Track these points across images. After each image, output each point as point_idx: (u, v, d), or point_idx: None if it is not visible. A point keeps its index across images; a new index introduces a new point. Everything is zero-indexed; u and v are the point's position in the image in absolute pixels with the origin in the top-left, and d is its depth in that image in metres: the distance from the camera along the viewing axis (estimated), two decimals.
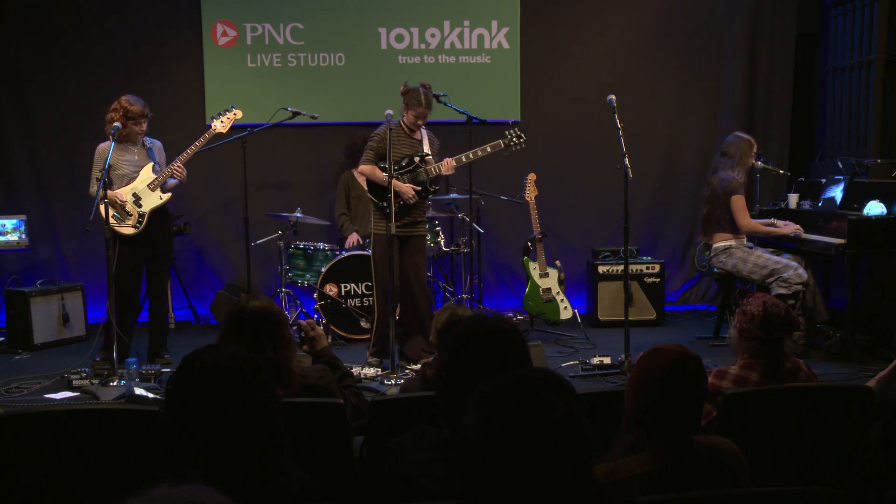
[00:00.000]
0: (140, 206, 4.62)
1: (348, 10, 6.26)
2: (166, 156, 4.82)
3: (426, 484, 1.63)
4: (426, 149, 4.73)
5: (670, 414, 1.79)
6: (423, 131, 4.78)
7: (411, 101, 4.60)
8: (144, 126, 4.65)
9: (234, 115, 4.86)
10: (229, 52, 6.18)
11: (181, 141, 4.95)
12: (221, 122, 4.82)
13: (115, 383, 4.24)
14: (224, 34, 6.16)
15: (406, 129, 4.67)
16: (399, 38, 6.28)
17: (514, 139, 4.73)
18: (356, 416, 2.61)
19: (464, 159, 4.70)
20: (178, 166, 4.62)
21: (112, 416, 2.40)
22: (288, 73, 6.21)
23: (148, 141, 4.74)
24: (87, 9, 6.05)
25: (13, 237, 5.59)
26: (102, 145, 4.64)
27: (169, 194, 4.70)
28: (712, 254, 5.12)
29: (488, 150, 4.71)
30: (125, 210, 4.59)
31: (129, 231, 4.61)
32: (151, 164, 4.68)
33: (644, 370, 1.86)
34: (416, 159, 4.66)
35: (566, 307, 5.49)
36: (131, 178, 4.64)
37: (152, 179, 4.63)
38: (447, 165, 4.65)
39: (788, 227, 5.04)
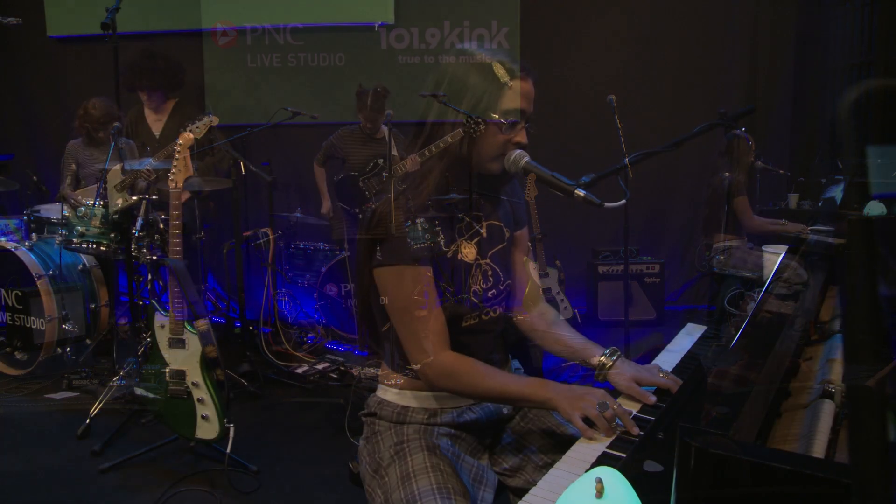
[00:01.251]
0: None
1: (348, 10, 6.26)
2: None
3: None
4: (393, 149, 4.72)
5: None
6: (389, 131, 4.77)
7: (360, 105, 4.61)
8: (104, 134, 4.59)
9: (211, 120, 4.81)
10: (229, 52, 6.18)
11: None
12: (195, 128, 4.77)
13: (115, 383, 4.25)
14: (224, 34, 6.16)
15: (365, 131, 4.66)
16: (399, 38, 6.28)
17: (473, 126, 4.72)
18: (355, 415, 2.61)
19: (426, 153, 4.69)
20: (147, 170, 4.56)
21: None
22: (288, 73, 6.22)
23: (122, 141, 4.70)
24: (87, 8, 6.05)
25: (14, 237, 5.59)
26: (73, 142, 4.62)
27: (135, 197, 4.60)
28: (712, 254, 5.12)
29: (449, 140, 4.70)
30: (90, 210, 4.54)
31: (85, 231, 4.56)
32: (121, 164, 4.64)
33: None
34: (381, 161, 4.67)
35: (566, 307, 5.49)
36: (98, 178, 4.60)
37: (119, 181, 4.58)
38: (412, 163, 4.64)
39: (792, 227, 5.06)
